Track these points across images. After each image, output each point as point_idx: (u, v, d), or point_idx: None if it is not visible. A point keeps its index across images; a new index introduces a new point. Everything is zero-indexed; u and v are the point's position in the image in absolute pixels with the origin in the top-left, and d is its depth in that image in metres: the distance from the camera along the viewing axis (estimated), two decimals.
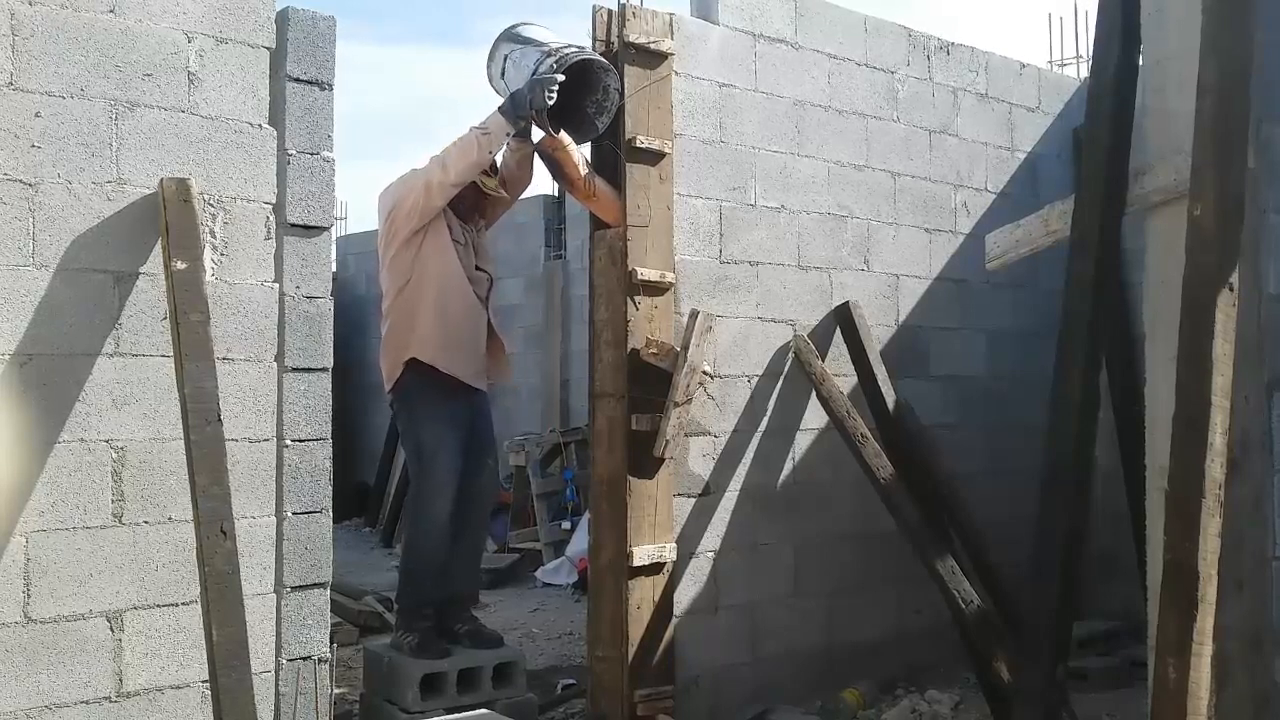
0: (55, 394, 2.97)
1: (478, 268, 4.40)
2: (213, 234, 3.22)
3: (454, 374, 4.23)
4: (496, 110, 4.10)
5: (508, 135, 4.13)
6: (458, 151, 4.12)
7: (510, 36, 4.26)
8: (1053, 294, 3.99)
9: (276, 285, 3.34)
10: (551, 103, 3.97)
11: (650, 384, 4.12)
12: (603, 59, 4.10)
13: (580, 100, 4.18)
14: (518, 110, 4.05)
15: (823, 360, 4.64)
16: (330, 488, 3.45)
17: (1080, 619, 4.85)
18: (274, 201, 3.34)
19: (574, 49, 4.06)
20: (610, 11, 4.22)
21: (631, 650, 4.06)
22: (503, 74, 4.22)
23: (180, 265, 3.02)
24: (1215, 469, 2.65)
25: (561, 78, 3.98)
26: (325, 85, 3.45)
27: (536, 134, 4.26)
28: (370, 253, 10.58)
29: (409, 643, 4.16)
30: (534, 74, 4.01)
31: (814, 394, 4.58)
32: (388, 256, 4.28)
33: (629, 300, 4.13)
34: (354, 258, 11.59)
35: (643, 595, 4.11)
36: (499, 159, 4.41)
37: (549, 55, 4.04)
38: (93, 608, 3.01)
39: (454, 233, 4.28)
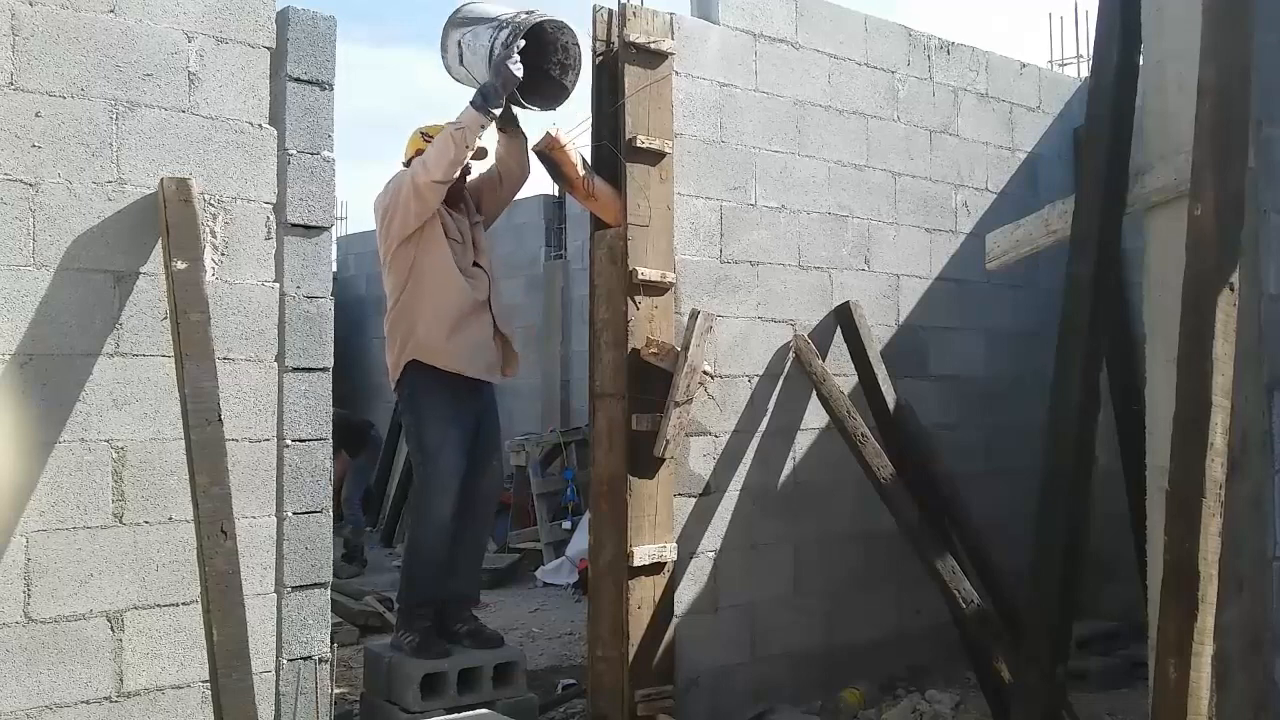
0: (55, 394, 2.98)
1: (475, 263, 4.40)
2: (213, 234, 3.22)
3: (460, 370, 4.24)
4: (468, 104, 4.11)
5: (482, 126, 4.14)
6: (435, 152, 4.14)
7: (458, 22, 4.22)
8: (1053, 294, 3.98)
9: (277, 285, 3.35)
10: (520, 76, 4.01)
11: (650, 384, 4.12)
12: (553, 18, 4.10)
13: (541, 63, 4.21)
14: (489, 101, 4.07)
15: (823, 360, 4.64)
16: (330, 488, 3.46)
17: (1080, 619, 4.85)
18: (274, 201, 3.35)
19: (521, 15, 4.06)
20: (610, 11, 4.21)
21: (631, 650, 4.06)
22: (461, 60, 4.21)
23: (180, 265, 3.02)
24: (1215, 469, 2.65)
25: (521, 43, 3.99)
26: (325, 85, 3.46)
27: (525, 124, 4.31)
28: (370, 253, 10.59)
29: (409, 643, 4.17)
30: (490, 53, 4.01)
31: (814, 394, 4.58)
32: (387, 260, 4.31)
33: (629, 300, 4.12)
34: (354, 258, 11.59)
35: (643, 595, 4.11)
36: (492, 155, 4.49)
37: (501, 28, 4.04)
38: (93, 608, 3.02)
39: (450, 230, 4.29)
